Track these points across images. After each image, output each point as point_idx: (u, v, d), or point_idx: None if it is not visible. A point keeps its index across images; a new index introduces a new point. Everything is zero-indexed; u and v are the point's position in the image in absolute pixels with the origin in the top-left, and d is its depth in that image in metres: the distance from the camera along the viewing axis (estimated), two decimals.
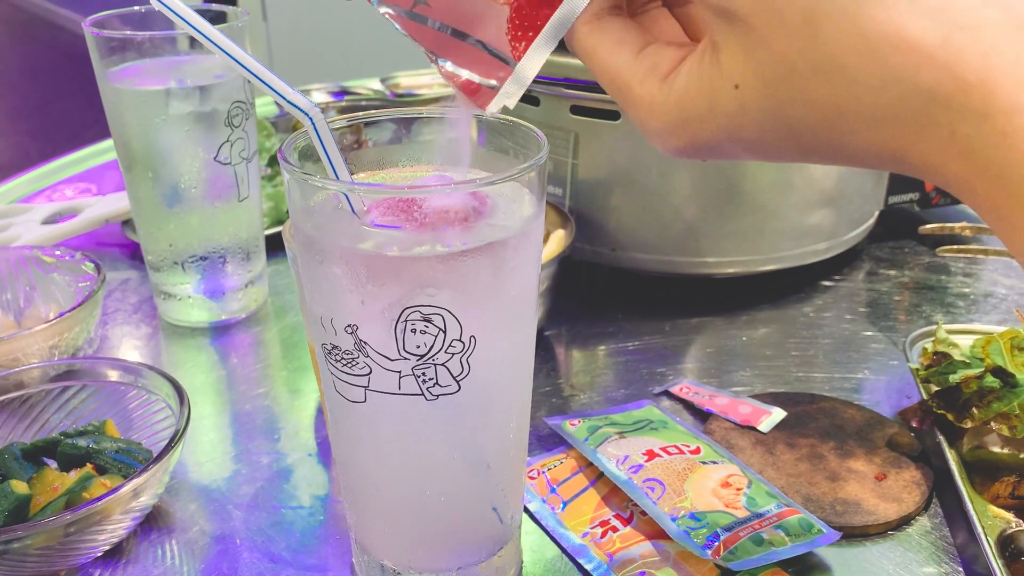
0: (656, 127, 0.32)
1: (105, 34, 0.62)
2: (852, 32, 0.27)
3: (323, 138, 0.38)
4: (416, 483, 0.40)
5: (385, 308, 0.35)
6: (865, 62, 0.27)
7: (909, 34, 0.26)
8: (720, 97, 0.30)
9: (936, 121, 0.27)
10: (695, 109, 0.31)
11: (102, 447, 0.51)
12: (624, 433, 0.54)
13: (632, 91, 0.33)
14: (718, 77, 0.30)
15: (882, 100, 0.27)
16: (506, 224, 0.37)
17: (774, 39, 0.28)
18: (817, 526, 0.47)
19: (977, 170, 0.26)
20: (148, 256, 0.70)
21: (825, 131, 0.29)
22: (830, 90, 0.28)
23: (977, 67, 0.26)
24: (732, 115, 0.30)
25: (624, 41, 0.33)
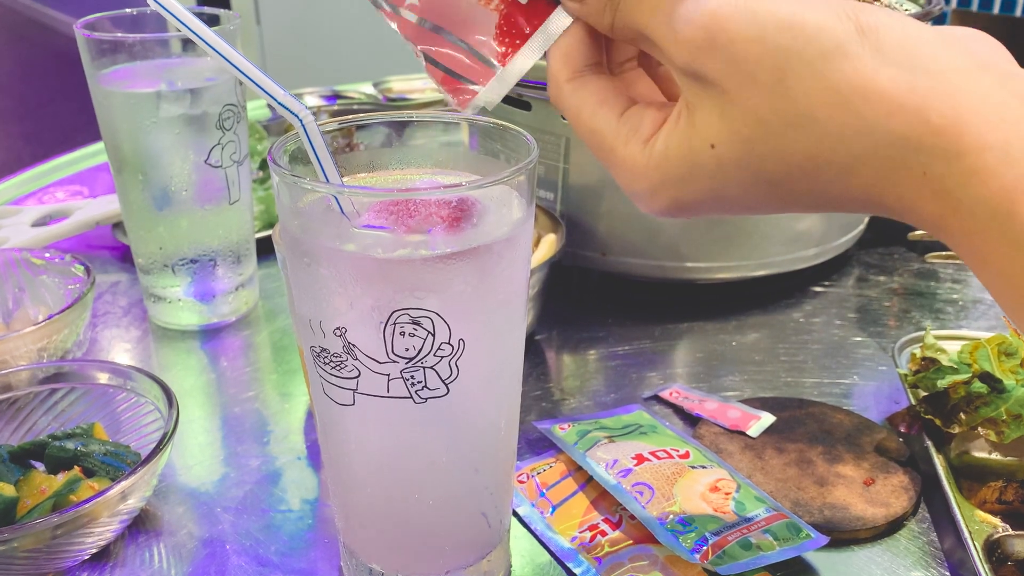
0: (640, 189, 0.33)
1: (96, 36, 0.62)
2: (822, 87, 0.28)
3: (313, 141, 0.38)
4: (404, 486, 0.40)
5: (374, 311, 0.35)
6: (837, 114, 0.28)
7: (877, 84, 0.27)
8: (699, 158, 0.31)
9: (909, 164, 0.27)
10: (676, 170, 0.32)
11: (90, 450, 0.51)
12: (613, 437, 0.54)
13: (616, 153, 0.34)
14: (695, 138, 0.31)
15: (856, 149, 0.28)
16: (495, 228, 0.37)
17: (746, 99, 0.29)
18: (805, 531, 0.47)
19: (950, 208, 0.27)
20: (138, 259, 0.70)
21: (804, 182, 0.30)
22: (805, 143, 0.29)
23: (945, 110, 0.27)
24: (712, 174, 0.31)
25: (606, 102, 0.34)
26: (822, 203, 0.31)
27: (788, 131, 0.29)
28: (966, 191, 0.27)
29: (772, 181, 0.30)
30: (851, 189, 0.29)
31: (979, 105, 0.27)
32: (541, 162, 0.74)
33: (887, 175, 0.28)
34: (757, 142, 0.30)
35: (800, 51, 0.28)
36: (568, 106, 0.35)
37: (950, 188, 0.27)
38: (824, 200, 0.31)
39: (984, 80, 0.27)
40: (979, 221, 0.27)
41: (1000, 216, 0.26)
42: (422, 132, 0.44)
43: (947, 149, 0.27)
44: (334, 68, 2.71)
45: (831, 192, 0.30)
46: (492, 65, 0.37)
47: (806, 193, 0.30)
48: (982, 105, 0.26)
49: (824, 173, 0.29)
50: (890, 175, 0.28)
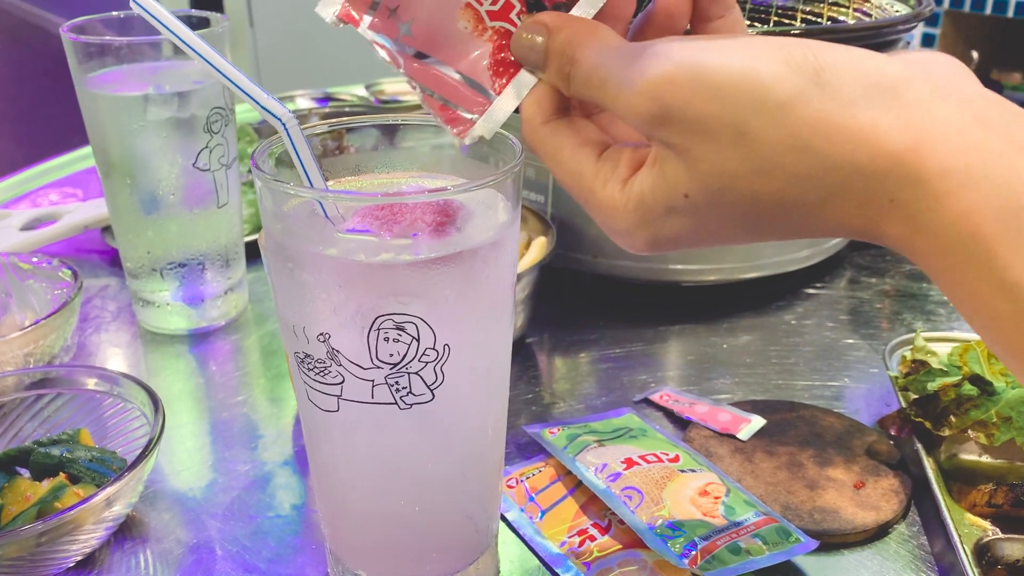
0: (620, 227, 0.34)
1: (83, 39, 0.62)
2: (783, 134, 0.29)
3: (296, 145, 0.37)
4: (390, 492, 0.40)
5: (357, 316, 0.35)
6: (801, 157, 0.29)
7: (839, 123, 0.28)
8: (674, 204, 0.32)
9: (875, 193, 0.28)
10: (654, 212, 0.32)
11: (76, 456, 0.50)
12: (603, 441, 0.53)
13: (595, 195, 0.34)
14: (669, 188, 0.32)
15: (824, 186, 0.29)
16: (480, 232, 0.37)
17: (710, 156, 0.30)
18: (795, 535, 0.46)
19: (915, 231, 0.28)
20: (126, 263, 0.70)
21: (777, 220, 0.31)
22: (772, 187, 0.30)
23: (906, 139, 0.27)
24: (687, 217, 0.32)
25: (585, 144, 0.35)
26: (796, 234, 0.32)
27: (755, 178, 0.30)
28: (930, 215, 0.27)
29: (745, 222, 0.31)
30: (823, 221, 0.30)
31: (939, 131, 0.27)
32: (532, 165, 0.73)
33: (856, 206, 0.29)
34: (727, 192, 0.30)
35: (755, 104, 0.29)
36: (545, 149, 0.36)
37: (915, 212, 0.28)
38: (798, 232, 0.32)
39: (944, 107, 0.28)
40: (943, 243, 0.27)
41: (963, 238, 0.27)
42: (412, 135, 0.44)
43: (910, 175, 0.27)
44: (328, 70, 2.70)
45: (804, 225, 0.31)
46: (488, 94, 0.36)
47: (780, 228, 0.31)
48: (942, 131, 0.27)
49: (796, 210, 0.30)
50: (859, 206, 0.29)
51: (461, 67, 0.36)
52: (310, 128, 0.41)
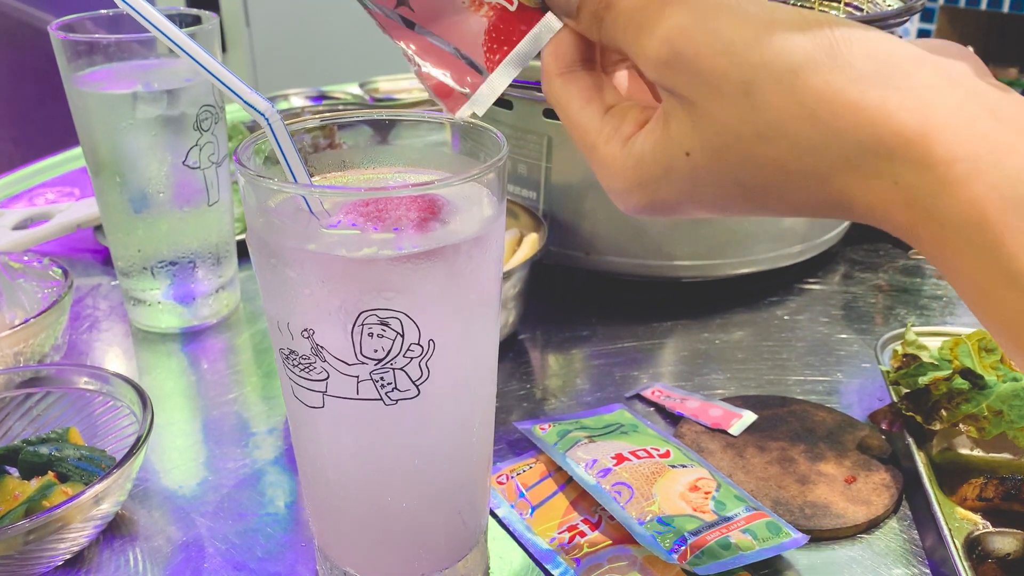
0: (617, 186, 0.34)
1: (71, 37, 0.62)
2: (790, 100, 0.28)
3: (280, 140, 0.37)
4: (377, 489, 0.40)
5: (341, 312, 0.35)
6: (806, 126, 0.28)
7: (847, 97, 0.28)
8: (674, 163, 0.32)
9: (879, 173, 0.28)
10: (652, 173, 0.32)
11: (64, 454, 0.50)
12: (594, 437, 0.53)
13: (597, 150, 0.34)
14: (671, 145, 0.31)
15: (827, 159, 0.29)
16: (465, 226, 0.36)
17: (716, 111, 0.30)
18: (785, 530, 0.46)
19: (921, 218, 0.28)
20: (117, 261, 0.69)
21: (776, 190, 0.31)
22: (776, 154, 0.29)
23: (916, 122, 0.27)
24: (686, 180, 0.32)
25: (593, 99, 0.35)
26: (796, 209, 0.31)
27: (758, 142, 0.29)
28: (936, 201, 0.27)
29: (745, 188, 0.31)
30: (823, 197, 0.30)
31: (949, 118, 0.27)
32: (523, 161, 0.73)
33: (858, 184, 0.29)
34: (728, 151, 0.30)
35: (767, 65, 0.28)
36: (557, 100, 0.36)
37: (921, 199, 0.27)
38: (797, 206, 0.31)
39: (955, 94, 0.27)
40: (949, 231, 0.27)
41: (970, 226, 0.27)
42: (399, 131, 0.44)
43: (917, 160, 0.27)
44: (324, 69, 2.70)
45: (804, 199, 0.30)
46: (481, 70, 0.37)
47: (779, 199, 0.31)
48: (953, 118, 0.27)
49: (796, 181, 0.30)
50: (861, 184, 0.29)
51: (456, 41, 0.36)
52: (300, 123, 0.41)
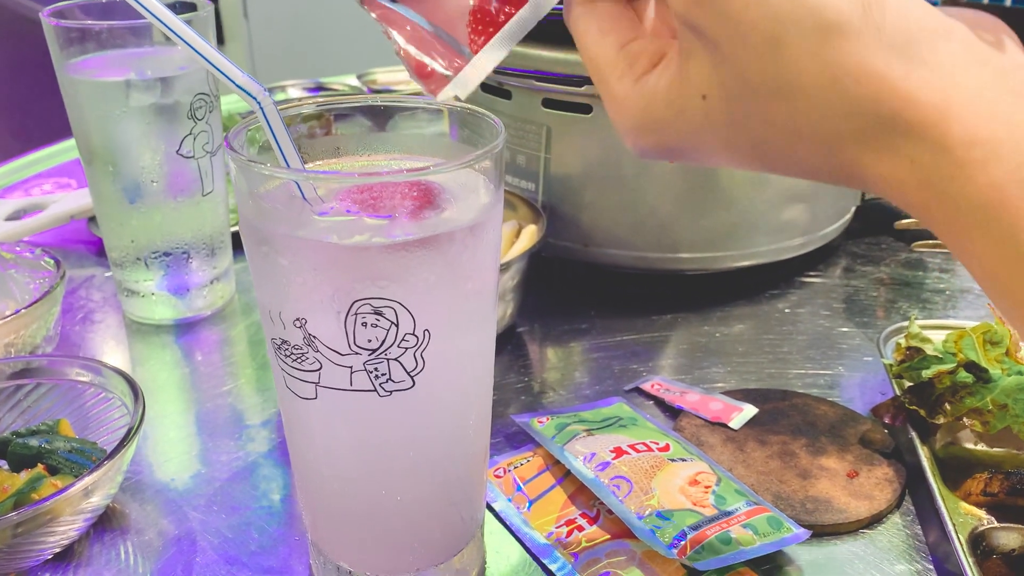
0: (626, 125, 0.33)
1: (63, 24, 0.61)
2: (814, 60, 0.27)
3: (273, 125, 0.36)
4: (370, 482, 0.39)
5: (334, 301, 0.34)
6: (826, 91, 0.28)
7: (872, 67, 0.27)
8: (687, 105, 0.31)
9: (896, 148, 0.27)
10: (663, 113, 0.31)
11: (54, 447, 0.49)
12: (592, 430, 0.53)
13: (609, 85, 0.33)
14: (687, 86, 0.31)
15: (842, 128, 0.28)
16: (460, 214, 0.36)
17: (737, 58, 0.29)
18: (787, 525, 0.46)
19: (936, 198, 0.27)
20: (111, 252, 0.69)
21: (786, 149, 0.30)
22: (789, 112, 0.28)
23: (937, 101, 0.26)
24: (697, 124, 0.31)
25: (611, 31, 0.33)
26: (800, 170, 0.31)
27: (775, 98, 0.28)
28: (952, 184, 0.27)
29: (755, 142, 0.30)
30: (834, 163, 0.29)
31: (971, 99, 0.26)
32: (522, 152, 0.72)
33: (872, 156, 0.28)
34: (744, 101, 0.29)
35: (798, 21, 0.27)
36: (574, 29, 0.35)
37: (937, 180, 0.27)
38: (808, 170, 0.30)
39: (981, 74, 0.27)
40: (965, 215, 0.27)
41: (987, 210, 0.26)
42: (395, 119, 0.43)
43: (935, 141, 0.26)
44: (322, 61, 2.69)
45: (813, 163, 0.30)
46: (464, 52, 0.36)
47: (787, 159, 0.30)
48: (974, 100, 0.26)
49: (807, 144, 0.29)
50: (875, 156, 0.28)
51: (439, 20, 0.35)
52: (295, 108, 0.40)
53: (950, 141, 0.26)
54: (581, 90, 0.67)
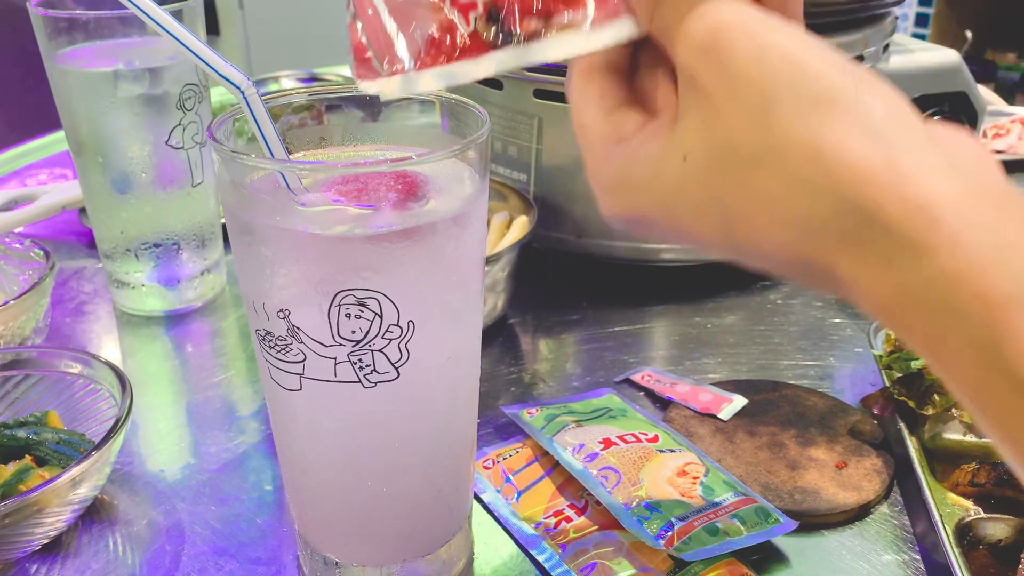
0: (600, 184, 0.33)
1: (51, 14, 0.60)
2: (801, 129, 0.27)
3: (256, 114, 0.36)
4: (356, 473, 0.39)
5: (317, 292, 0.34)
6: (807, 164, 0.26)
7: (856, 151, 0.26)
8: (666, 166, 0.30)
9: (874, 245, 0.26)
10: (640, 173, 0.31)
11: (42, 438, 0.49)
12: (581, 422, 0.53)
13: (593, 146, 0.33)
14: (670, 146, 0.30)
15: (817, 208, 0.26)
16: (444, 204, 0.36)
17: (729, 114, 0.28)
18: (774, 515, 0.46)
19: (914, 306, 0.26)
20: (101, 244, 0.68)
21: (755, 228, 0.28)
22: (768, 183, 0.27)
23: (921, 202, 0.25)
24: (672, 187, 0.30)
25: (602, 100, 0.33)
26: (769, 258, 0.29)
27: (755, 165, 0.27)
28: (933, 293, 0.25)
29: (726, 217, 0.29)
30: (803, 252, 0.27)
31: (956, 207, 0.25)
32: (514, 143, 0.72)
33: (846, 249, 0.26)
34: (724, 164, 0.28)
35: (794, 84, 0.27)
36: (569, 94, 0.35)
37: (917, 285, 0.25)
38: (772, 255, 0.28)
39: (964, 184, 0.26)
40: (948, 326, 0.25)
41: (971, 322, 0.24)
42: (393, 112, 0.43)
43: (916, 241, 0.25)
44: (318, 52, 2.68)
45: (782, 250, 0.28)
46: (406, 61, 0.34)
47: (755, 242, 0.28)
48: (959, 207, 0.25)
49: (778, 226, 0.28)
50: (850, 250, 0.26)
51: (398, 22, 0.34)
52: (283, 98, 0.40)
53: (933, 242, 0.25)
54: None
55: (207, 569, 0.46)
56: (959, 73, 0.79)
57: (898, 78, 0.77)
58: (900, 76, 0.78)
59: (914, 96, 0.78)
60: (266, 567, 0.46)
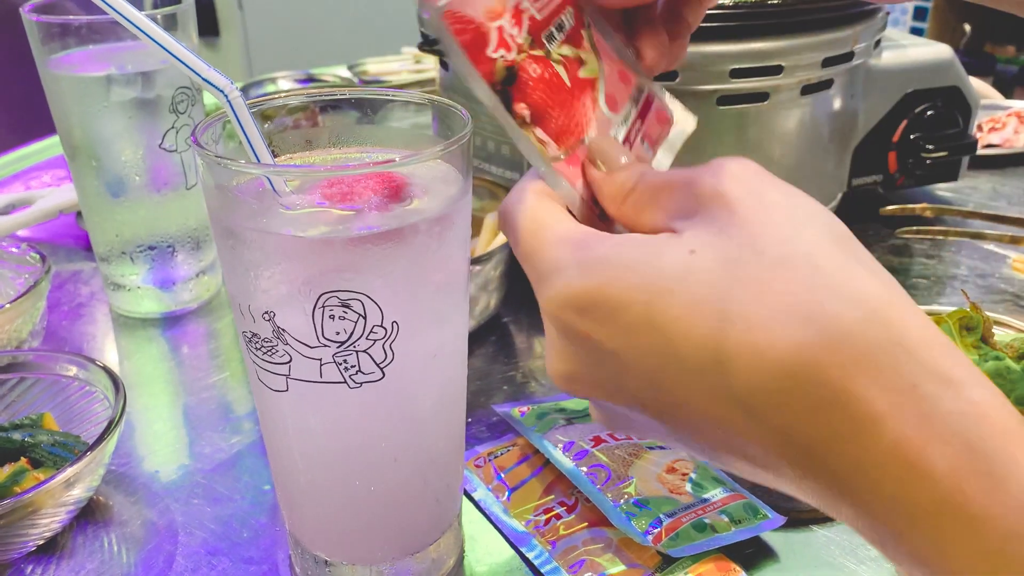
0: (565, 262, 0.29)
1: (43, 19, 0.61)
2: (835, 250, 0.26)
3: (241, 117, 0.37)
4: (344, 472, 0.39)
5: (301, 294, 0.34)
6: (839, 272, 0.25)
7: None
8: (667, 253, 0.27)
9: (898, 368, 0.24)
10: (631, 256, 0.27)
11: (37, 440, 0.50)
12: (572, 419, 0.53)
13: (556, 241, 0.30)
14: (672, 241, 0.27)
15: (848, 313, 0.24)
16: (426, 206, 0.36)
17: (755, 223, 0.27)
18: (763, 511, 0.46)
19: (939, 439, 0.23)
20: (96, 247, 0.69)
21: (760, 323, 0.25)
22: (791, 283, 0.25)
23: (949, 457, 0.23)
24: (670, 275, 0.27)
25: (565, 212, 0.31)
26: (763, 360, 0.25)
27: (780, 266, 0.25)
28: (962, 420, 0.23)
29: (724, 312, 0.25)
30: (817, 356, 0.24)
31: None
32: (506, 142, 0.72)
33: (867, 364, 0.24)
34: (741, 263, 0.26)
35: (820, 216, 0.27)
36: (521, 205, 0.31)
37: (939, 413, 0.23)
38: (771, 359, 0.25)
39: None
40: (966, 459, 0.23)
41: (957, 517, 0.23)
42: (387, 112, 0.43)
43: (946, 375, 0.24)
44: (318, 52, 2.68)
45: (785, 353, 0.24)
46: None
47: (753, 340, 0.25)
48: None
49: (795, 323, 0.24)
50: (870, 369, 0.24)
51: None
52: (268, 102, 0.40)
53: (960, 378, 0.24)
54: None
55: (200, 568, 0.46)
56: (952, 68, 0.79)
57: (891, 74, 0.78)
58: (893, 71, 0.78)
59: (907, 91, 0.78)
60: (258, 566, 0.46)
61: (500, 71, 0.30)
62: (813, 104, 0.71)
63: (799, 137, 0.71)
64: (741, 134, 0.69)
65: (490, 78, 0.30)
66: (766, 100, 0.68)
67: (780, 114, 0.69)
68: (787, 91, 0.68)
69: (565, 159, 0.32)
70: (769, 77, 0.67)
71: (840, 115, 0.75)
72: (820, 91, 0.71)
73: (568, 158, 0.32)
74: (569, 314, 0.28)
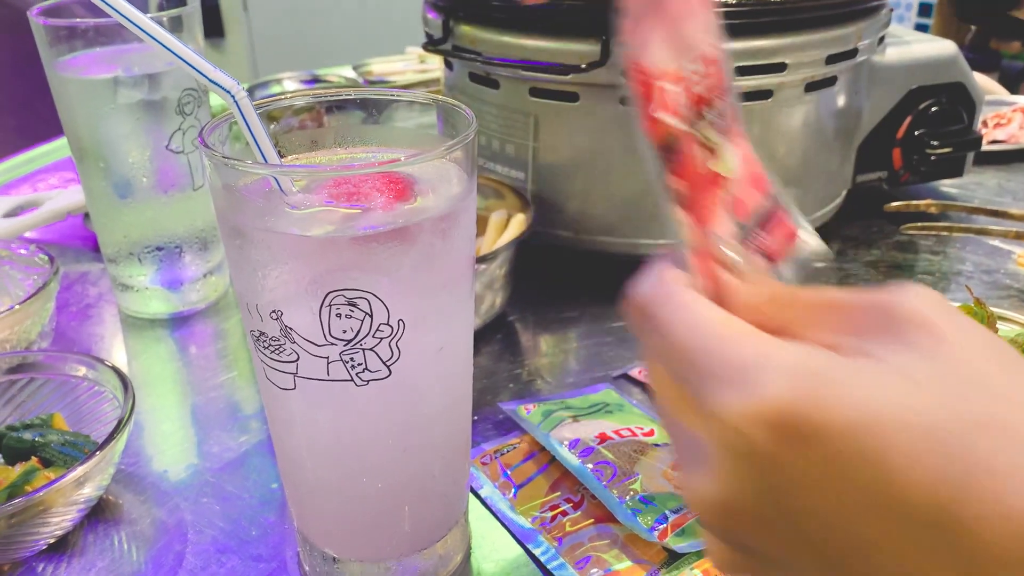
0: (737, 365, 0.25)
1: (51, 22, 0.61)
2: None
3: (247, 118, 0.37)
4: (352, 470, 0.40)
5: (308, 293, 0.35)
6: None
7: None
8: (885, 378, 0.24)
9: None
10: (838, 373, 0.24)
11: (48, 440, 0.50)
12: (578, 417, 0.53)
13: (714, 328, 0.26)
14: (884, 365, 0.24)
15: None
16: (431, 204, 0.36)
17: (968, 349, 0.24)
18: None
19: None
20: (104, 248, 0.69)
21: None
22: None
23: None
24: (895, 404, 0.23)
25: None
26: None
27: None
28: None
29: (962, 460, 0.22)
30: None
31: None
32: (511, 141, 0.73)
33: None
34: (971, 398, 0.23)
35: None
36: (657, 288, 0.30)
37: None
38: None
39: None
40: None
41: None
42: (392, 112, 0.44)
43: None
44: (322, 53, 2.69)
45: None
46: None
47: (999, 496, 0.22)
48: None
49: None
50: None
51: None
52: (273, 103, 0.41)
53: None
54: (568, 79, 0.67)
55: (210, 566, 0.47)
56: (956, 64, 0.79)
57: (895, 70, 0.78)
58: (897, 68, 0.78)
59: (911, 88, 0.78)
60: (267, 563, 0.47)
61: (664, 136, 0.29)
62: (817, 101, 0.71)
63: (803, 134, 0.71)
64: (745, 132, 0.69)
65: (654, 138, 0.29)
66: (770, 98, 0.68)
67: (784, 111, 0.69)
68: (791, 88, 0.68)
69: (693, 252, 0.30)
70: (773, 75, 0.67)
71: (844, 112, 0.75)
72: (824, 88, 0.71)
73: (698, 251, 0.30)
74: (760, 429, 0.24)
